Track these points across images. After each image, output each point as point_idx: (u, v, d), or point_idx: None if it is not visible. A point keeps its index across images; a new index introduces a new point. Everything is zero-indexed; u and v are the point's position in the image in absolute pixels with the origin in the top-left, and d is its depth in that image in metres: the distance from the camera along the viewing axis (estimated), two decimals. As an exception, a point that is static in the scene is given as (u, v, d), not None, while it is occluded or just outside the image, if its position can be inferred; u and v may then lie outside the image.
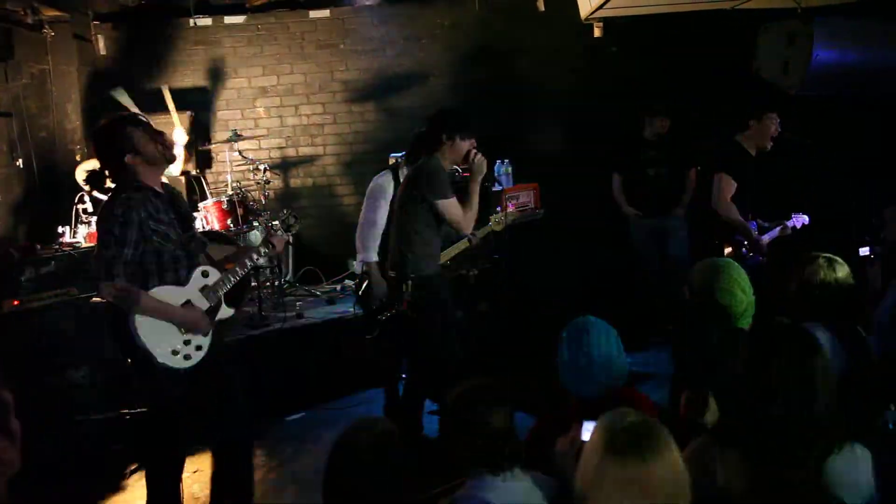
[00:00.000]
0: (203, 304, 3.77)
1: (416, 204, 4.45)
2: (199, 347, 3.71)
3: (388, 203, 5.09)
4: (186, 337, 3.67)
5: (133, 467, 4.81)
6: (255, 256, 4.05)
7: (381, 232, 5.10)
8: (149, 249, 3.59)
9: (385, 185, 5.17)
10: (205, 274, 3.83)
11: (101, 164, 3.62)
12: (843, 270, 3.30)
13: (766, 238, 5.36)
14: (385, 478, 2.12)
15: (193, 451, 4.88)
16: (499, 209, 5.72)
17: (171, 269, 3.70)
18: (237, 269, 3.94)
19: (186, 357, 3.66)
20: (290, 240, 4.25)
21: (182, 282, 3.75)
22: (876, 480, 2.24)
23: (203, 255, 3.96)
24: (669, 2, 6.78)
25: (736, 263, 3.47)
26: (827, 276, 3.27)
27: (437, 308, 4.53)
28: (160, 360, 3.58)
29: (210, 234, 5.86)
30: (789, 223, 5.45)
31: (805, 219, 5.49)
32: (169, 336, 3.62)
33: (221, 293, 3.86)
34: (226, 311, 3.90)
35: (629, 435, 1.85)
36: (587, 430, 2.15)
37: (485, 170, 4.50)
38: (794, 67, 6.34)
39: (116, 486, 4.66)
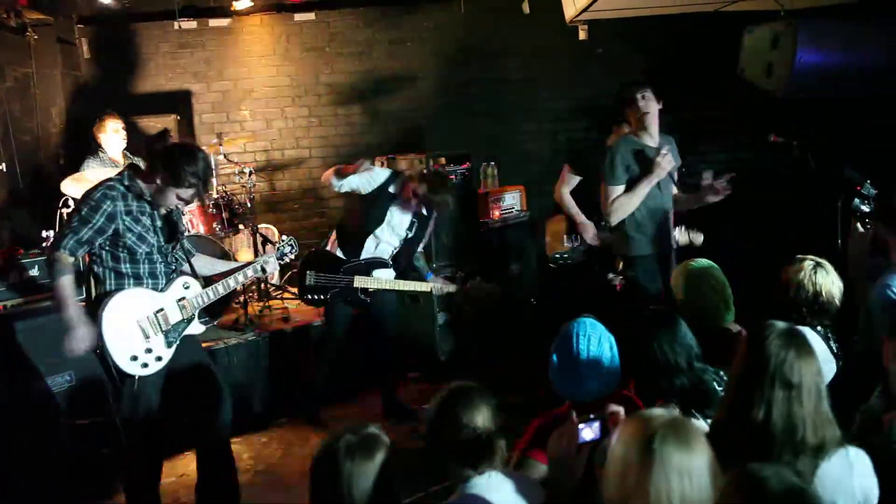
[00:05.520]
0: (176, 315, 3.77)
1: None
2: (158, 358, 3.70)
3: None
4: (148, 345, 3.66)
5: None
6: (240, 279, 4.06)
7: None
8: (121, 244, 3.61)
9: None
10: (186, 285, 3.84)
11: (153, 158, 3.74)
12: (823, 276, 3.31)
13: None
14: (370, 480, 2.12)
15: (178, 456, 4.88)
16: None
17: (148, 274, 3.72)
18: (219, 287, 3.95)
19: (144, 365, 3.65)
20: (278, 268, 4.29)
21: (160, 288, 3.75)
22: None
23: (188, 266, 3.95)
24: (653, 4, 6.81)
25: (710, 264, 3.49)
26: (813, 280, 3.28)
27: (637, 289, 4.60)
28: (117, 363, 3.58)
29: (203, 244, 5.86)
30: None
31: None
32: (131, 341, 3.62)
33: (199, 308, 3.86)
34: (196, 327, 3.91)
35: (675, 427, 1.85)
36: (586, 431, 2.15)
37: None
38: (777, 70, 6.36)
39: (106, 491, 4.63)
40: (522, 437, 2.78)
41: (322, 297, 5.13)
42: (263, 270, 4.18)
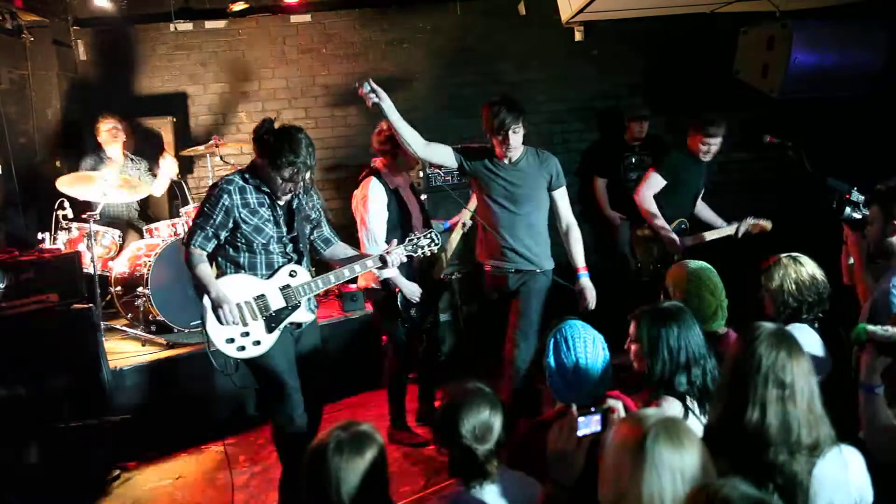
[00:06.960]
0: (278, 301, 3.80)
1: None
2: (257, 342, 3.74)
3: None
4: (245, 329, 3.71)
5: (115, 473, 4.80)
6: (357, 269, 4.02)
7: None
8: (240, 234, 3.72)
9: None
10: (292, 274, 3.86)
11: (255, 144, 3.78)
12: (810, 265, 3.33)
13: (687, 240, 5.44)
14: (358, 477, 2.13)
15: (174, 458, 4.88)
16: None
17: (265, 264, 3.80)
18: (330, 276, 3.94)
19: (241, 348, 3.72)
20: (406, 260, 4.15)
21: (267, 276, 3.81)
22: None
23: (307, 258, 3.98)
24: (650, 5, 6.83)
25: (708, 266, 3.49)
26: (796, 273, 3.30)
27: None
28: (215, 343, 3.68)
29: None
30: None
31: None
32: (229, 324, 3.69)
33: (304, 296, 3.86)
34: (305, 315, 3.92)
35: (667, 426, 1.86)
36: (585, 426, 2.16)
37: None
38: (773, 70, 6.39)
39: (100, 493, 4.63)
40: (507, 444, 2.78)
41: (418, 310, 4.89)
42: (384, 261, 3.99)
